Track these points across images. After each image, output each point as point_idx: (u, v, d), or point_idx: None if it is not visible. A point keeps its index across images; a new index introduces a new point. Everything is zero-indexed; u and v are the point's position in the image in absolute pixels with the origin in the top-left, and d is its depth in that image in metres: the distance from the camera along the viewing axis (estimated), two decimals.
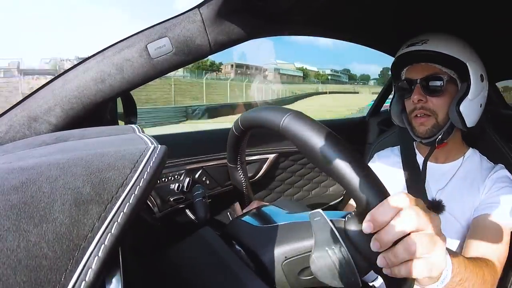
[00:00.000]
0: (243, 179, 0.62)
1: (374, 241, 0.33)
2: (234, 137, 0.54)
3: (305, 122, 0.37)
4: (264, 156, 1.09)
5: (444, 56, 0.70)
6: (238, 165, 0.60)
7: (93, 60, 0.59)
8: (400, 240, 0.32)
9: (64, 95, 0.58)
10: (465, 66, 0.70)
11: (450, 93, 0.73)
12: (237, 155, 0.59)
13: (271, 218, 0.49)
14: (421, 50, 0.72)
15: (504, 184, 0.73)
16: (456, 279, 0.47)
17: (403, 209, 0.32)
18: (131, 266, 0.36)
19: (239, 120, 0.51)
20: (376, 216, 0.32)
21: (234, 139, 0.55)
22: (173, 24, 0.61)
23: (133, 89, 0.64)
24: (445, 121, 0.74)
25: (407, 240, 0.32)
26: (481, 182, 0.75)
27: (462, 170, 0.79)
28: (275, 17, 0.71)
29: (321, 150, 0.34)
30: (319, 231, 0.36)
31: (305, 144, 0.35)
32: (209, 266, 0.44)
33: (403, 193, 0.34)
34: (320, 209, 0.36)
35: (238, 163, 0.60)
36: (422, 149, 0.85)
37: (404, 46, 0.77)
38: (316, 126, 0.36)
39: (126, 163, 0.26)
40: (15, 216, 0.20)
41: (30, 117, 0.56)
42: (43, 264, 0.18)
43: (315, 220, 0.36)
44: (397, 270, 0.33)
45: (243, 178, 0.62)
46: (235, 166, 0.60)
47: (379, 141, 1.08)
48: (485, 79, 0.74)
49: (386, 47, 1.06)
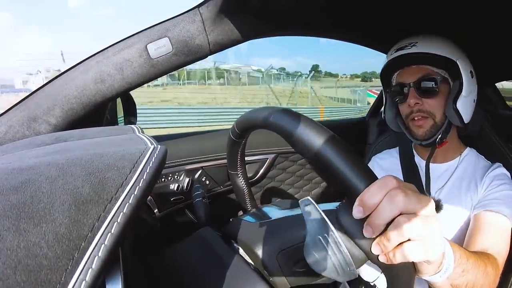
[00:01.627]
0: (244, 186, 0.62)
1: (366, 226, 0.32)
2: (232, 142, 0.55)
3: (291, 116, 0.37)
4: (264, 157, 1.09)
5: (435, 56, 0.70)
6: (239, 171, 0.60)
7: (93, 60, 0.59)
8: (392, 221, 0.32)
9: (63, 95, 0.58)
10: (455, 64, 0.71)
11: (444, 92, 0.74)
12: (236, 161, 0.59)
13: (266, 215, 0.50)
14: (412, 53, 0.72)
15: (503, 181, 0.73)
16: (459, 270, 0.46)
17: (391, 190, 0.32)
18: (131, 266, 0.36)
19: (235, 124, 0.51)
20: (364, 200, 0.31)
21: (232, 144, 0.55)
22: (173, 24, 0.61)
23: (133, 89, 0.64)
24: (443, 121, 0.75)
25: (398, 221, 0.31)
26: (479, 180, 0.75)
27: (460, 169, 0.79)
28: (275, 18, 0.71)
29: (307, 141, 0.34)
30: (310, 219, 0.36)
31: (291, 136, 0.35)
32: (209, 266, 0.45)
33: (391, 176, 0.33)
34: (309, 197, 0.36)
35: (238, 169, 0.60)
36: (420, 150, 0.85)
37: (393, 51, 0.77)
38: (301, 118, 0.36)
39: (125, 163, 0.26)
40: (15, 216, 0.20)
41: (29, 117, 0.56)
42: (43, 264, 0.18)
43: (305, 209, 0.36)
44: (392, 255, 0.32)
45: (244, 184, 0.62)
46: (236, 173, 0.61)
47: (379, 141, 1.08)
48: (474, 75, 0.75)
49: (385, 47, 1.06)
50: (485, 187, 0.73)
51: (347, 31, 0.95)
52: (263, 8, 0.66)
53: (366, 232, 0.32)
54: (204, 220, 0.64)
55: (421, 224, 0.31)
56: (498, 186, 0.72)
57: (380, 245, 0.32)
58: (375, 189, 0.31)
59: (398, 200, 0.31)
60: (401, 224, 0.31)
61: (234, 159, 0.58)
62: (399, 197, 0.31)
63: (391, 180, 0.32)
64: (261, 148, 1.08)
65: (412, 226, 0.31)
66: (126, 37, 0.61)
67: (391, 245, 0.32)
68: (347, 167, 0.32)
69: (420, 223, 0.31)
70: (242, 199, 0.64)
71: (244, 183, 0.61)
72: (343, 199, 0.36)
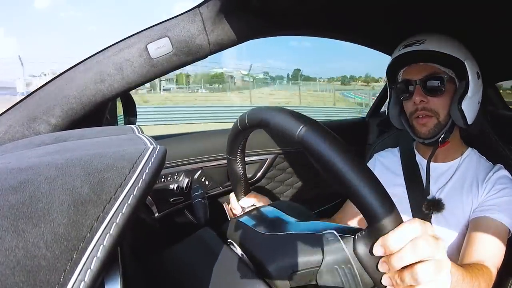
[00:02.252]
0: (241, 171, 0.61)
1: (383, 263, 0.34)
2: (237, 132, 0.53)
3: (322, 136, 0.36)
4: (263, 157, 1.09)
5: (443, 55, 0.70)
6: (238, 158, 0.59)
7: (93, 60, 0.59)
8: (408, 266, 0.33)
9: (63, 95, 0.58)
10: (463, 64, 0.71)
11: (449, 92, 0.74)
12: (237, 148, 0.57)
13: (278, 225, 0.48)
14: (420, 50, 0.72)
15: (504, 185, 0.73)
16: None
17: (416, 239, 0.33)
18: (130, 267, 0.36)
19: (246, 116, 0.49)
20: (389, 243, 0.33)
21: (236, 133, 0.54)
22: (173, 24, 0.61)
23: (133, 89, 0.64)
24: (446, 120, 0.74)
25: (416, 269, 0.33)
26: (480, 182, 0.75)
27: (461, 169, 0.79)
28: (275, 18, 0.71)
29: (337, 168, 0.34)
30: (330, 250, 0.37)
31: (320, 159, 0.35)
32: (208, 267, 0.44)
33: (417, 221, 0.34)
34: (334, 230, 0.38)
35: (238, 155, 0.59)
36: (422, 149, 0.85)
37: (401, 47, 0.76)
38: (334, 142, 0.36)
39: (125, 164, 0.26)
40: (14, 216, 0.20)
41: (29, 117, 0.56)
42: (42, 265, 0.18)
43: (328, 240, 0.37)
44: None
45: (241, 169, 0.61)
46: (235, 159, 0.59)
47: (379, 142, 1.08)
48: (480, 76, 0.75)
49: (385, 47, 1.06)
50: (486, 191, 0.73)
51: (348, 31, 0.95)
52: (263, 8, 0.66)
53: (382, 268, 0.34)
54: (204, 220, 0.63)
55: (434, 270, 0.33)
56: (499, 191, 0.72)
57: (392, 280, 0.34)
58: (401, 234, 0.33)
59: (420, 250, 0.33)
60: (418, 271, 0.33)
61: (235, 146, 0.57)
62: (422, 246, 0.33)
63: (417, 228, 0.34)
64: (261, 149, 1.08)
65: (427, 273, 0.33)
66: (126, 37, 0.61)
67: (402, 285, 0.33)
68: (374, 202, 0.33)
69: (434, 268, 0.33)
70: (237, 184, 0.63)
71: (241, 168, 0.60)
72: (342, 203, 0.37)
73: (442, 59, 0.71)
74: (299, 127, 0.37)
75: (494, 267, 0.63)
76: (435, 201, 0.75)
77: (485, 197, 0.73)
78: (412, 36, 0.76)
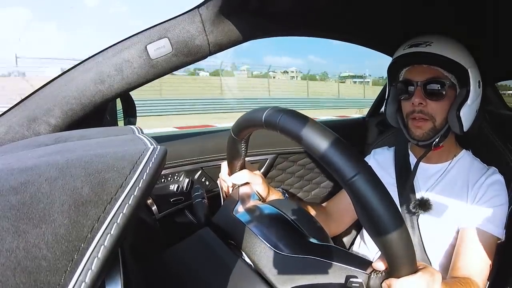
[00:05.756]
0: (243, 150, 0.58)
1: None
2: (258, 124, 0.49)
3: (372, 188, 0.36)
4: (263, 157, 1.09)
5: (448, 60, 0.70)
6: (243, 141, 0.57)
7: (92, 61, 0.59)
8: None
9: (63, 95, 0.58)
10: (466, 72, 0.71)
11: (449, 98, 0.74)
12: (248, 135, 0.56)
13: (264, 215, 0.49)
14: (425, 52, 0.71)
15: (496, 192, 0.73)
16: None
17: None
18: (131, 267, 0.36)
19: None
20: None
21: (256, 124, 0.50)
22: (173, 25, 0.61)
23: (133, 90, 0.64)
24: (442, 125, 0.74)
25: None
26: (471, 185, 0.75)
27: (452, 172, 0.79)
28: (274, 18, 0.71)
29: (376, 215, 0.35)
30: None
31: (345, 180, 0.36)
32: (209, 267, 0.44)
33: (431, 270, 0.41)
34: (359, 278, 0.40)
35: (243, 138, 0.56)
36: (416, 150, 0.85)
37: (406, 46, 0.75)
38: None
39: (125, 164, 0.26)
40: (14, 217, 0.20)
41: (29, 117, 0.56)
42: (43, 265, 0.18)
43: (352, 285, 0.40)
44: None
45: (243, 149, 0.58)
46: (239, 140, 0.56)
47: (378, 141, 1.08)
48: (481, 85, 0.75)
49: (385, 47, 1.06)
50: (478, 197, 0.74)
51: (348, 32, 0.95)
52: (262, 9, 0.66)
53: None
54: (204, 221, 0.63)
55: None
56: (490, 199, 0.72)
57: None
58: (415, 282, 0.38)
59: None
60: None
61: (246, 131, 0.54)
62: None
63: (430, 277, 0.40)
64: (261, 149, 1.08)
65: None
66: (125, 38, 0.61)
67: None
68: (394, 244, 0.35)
69: None
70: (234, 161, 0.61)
71: (244, 148, 0.58)
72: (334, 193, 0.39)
73: (447, 64, 0.71)
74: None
75: (482, 281, 0.65)
76: (423, 201, 0.75)
77: (476, 203, 0.73)
78: (419, 36, 0.76)
